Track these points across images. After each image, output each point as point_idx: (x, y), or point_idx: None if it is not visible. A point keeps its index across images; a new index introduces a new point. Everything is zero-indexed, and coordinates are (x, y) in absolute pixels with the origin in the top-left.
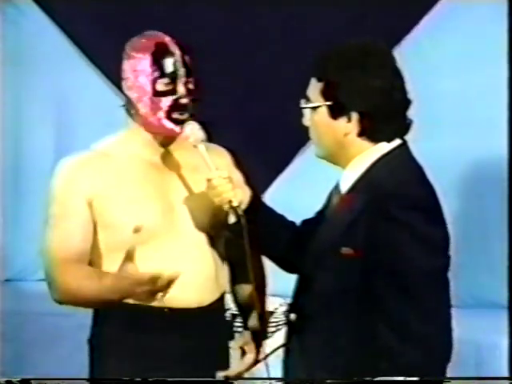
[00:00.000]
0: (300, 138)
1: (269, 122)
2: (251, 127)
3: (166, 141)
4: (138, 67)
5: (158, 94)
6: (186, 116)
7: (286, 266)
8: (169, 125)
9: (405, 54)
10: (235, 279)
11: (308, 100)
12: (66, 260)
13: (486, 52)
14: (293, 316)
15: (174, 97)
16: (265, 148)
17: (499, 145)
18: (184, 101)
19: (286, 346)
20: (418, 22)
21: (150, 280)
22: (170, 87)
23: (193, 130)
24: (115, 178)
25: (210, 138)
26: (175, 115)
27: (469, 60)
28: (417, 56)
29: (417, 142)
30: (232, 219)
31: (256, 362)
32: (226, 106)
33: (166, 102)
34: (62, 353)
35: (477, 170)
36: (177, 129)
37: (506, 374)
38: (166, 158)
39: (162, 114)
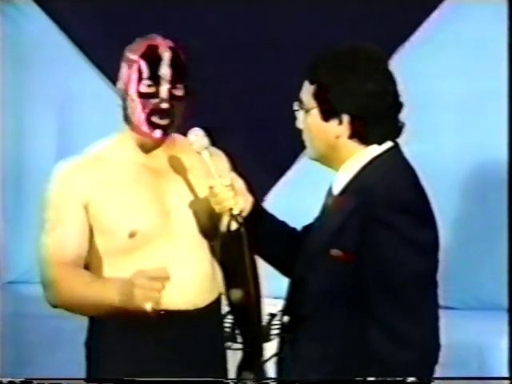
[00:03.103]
0: (302, 141)
1: (270, 125)
2: (252, 130)
3: (155, 144)
4: (129, 68)
5: (140, 95)
6: (166, 121)
7: (287, 272)
8: (147, 128)
9: (405, 57)
10: (229, 283)
11: (301, 103)
12: (63, 264)
13: (486, 53)
14: (286, 318)
15: (155, 100)
16: (266, 151)
17: (500, 147)
18: (164, 105)
19: (279, 354)
20: (419, 25)
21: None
22: (152, 90)
23: (197, 137)
24: (110, 183)
25: (214, 145)
26: (154, 119)
27: (469, 61)
28: (417, 58)
29: (419, 145)
30: (233, 226)
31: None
32: (226, 109)
33: (147, 104)
34: (63, 355)
35: (478, 173)
36: (156, 133)
37: (506, 375)
38: (163, 161)
39: (141, 117)
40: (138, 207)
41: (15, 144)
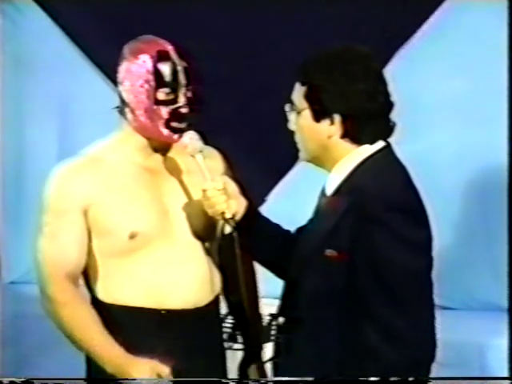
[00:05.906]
0: None
1: (269, 127)
2: (251, 133)
3: (161, 146)
4: (137, 72)
5: (158, 102)
6: (184, 125)
7: (281, 274)
8: (167, 133)
9: (406, 57)
10: (227, 285)
11: (292, 104)
12: (60, 278)
13: (485, 53)
14: (281, 319)
15: (174, 106)
16: (265, 153)
17: (500, 147)
18: (184, 110)
19: (278, 356)
20: (420, 25)
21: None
22: (170, 97)
23: (191, 140)
24: (109, 184)
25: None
26: (174, 124)
27: (469, 61)
28: (417, 58)
29: (419, 145)
30: (227, 229)
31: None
32: (226, 111)
33: (166, 110)
34: (64, 355)
35: (478, 173)
36: (174, 137)
37: (506, 375)
38: (160, 162)
39: (160, 122)
40: (137, 209)
41: (16, 144)
